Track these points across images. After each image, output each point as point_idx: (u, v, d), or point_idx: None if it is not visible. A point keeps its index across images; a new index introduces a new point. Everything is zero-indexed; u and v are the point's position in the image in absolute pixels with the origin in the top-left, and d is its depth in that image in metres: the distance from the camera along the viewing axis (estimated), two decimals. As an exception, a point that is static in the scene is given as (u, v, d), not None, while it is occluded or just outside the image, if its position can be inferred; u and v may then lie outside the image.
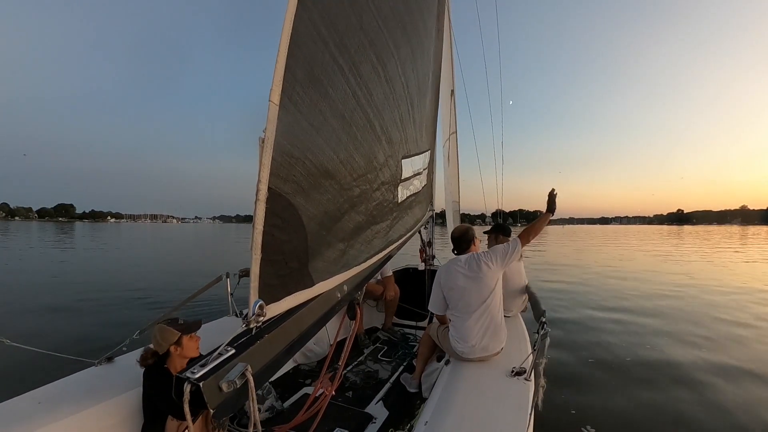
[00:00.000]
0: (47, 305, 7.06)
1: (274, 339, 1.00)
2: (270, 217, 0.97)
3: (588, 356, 4.53)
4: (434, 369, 2.64)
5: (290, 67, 1.01)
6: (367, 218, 1.62)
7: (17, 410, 1.54)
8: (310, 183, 1.13)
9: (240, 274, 2.69)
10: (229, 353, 0.87)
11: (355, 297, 1.84)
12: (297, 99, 1.05)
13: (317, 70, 1.14)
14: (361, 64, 1.37)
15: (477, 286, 2.39)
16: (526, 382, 1.94)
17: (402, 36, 1.76)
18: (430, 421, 1.62)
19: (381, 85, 1.55)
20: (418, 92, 2.22)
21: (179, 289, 8.56)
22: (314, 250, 1.19)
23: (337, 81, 1.23)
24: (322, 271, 1.25)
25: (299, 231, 1.10)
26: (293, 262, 1.10)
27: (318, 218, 1.19)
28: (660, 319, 6.25)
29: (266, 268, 0.96)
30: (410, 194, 2.60)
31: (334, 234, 1.32)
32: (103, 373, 1.89)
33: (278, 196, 1.00)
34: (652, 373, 4.07)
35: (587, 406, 3.35)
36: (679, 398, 3.50)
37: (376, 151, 1.57)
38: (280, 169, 1.00)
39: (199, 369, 0.81)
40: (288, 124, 1.02)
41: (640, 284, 9.90)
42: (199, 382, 0.77)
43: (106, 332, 5.34)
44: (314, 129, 1.13)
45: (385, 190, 1.81)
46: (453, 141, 4.83)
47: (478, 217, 32.41)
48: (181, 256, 18.85)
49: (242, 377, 0.82)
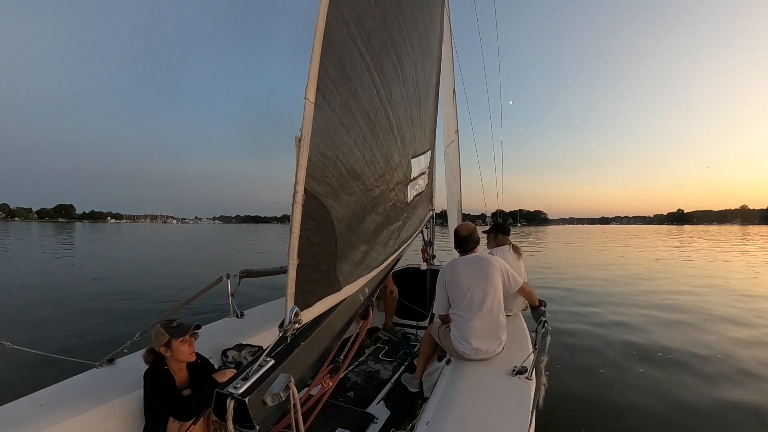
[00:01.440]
0: (48, 307, 6.88)
1: (310, 346, 0.96)
2: (305, 221, 0.93)
3: (597, 355, 4.55)
4: (435, 369, 2.64)
5: (323, 63, 0.98)
6: (385, 219, 1.60)
7: (19, 412, 1.53)
8: (340, 184, 1.09)
9: (240, 275, 2.62)
10: (269, 364, 0.83)
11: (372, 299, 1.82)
12: (330, 97, 1.02)
13: (348, 67, 1.11)
14: (385, 63, 1.35)
15: (480, 286, 2.41)
16: (528, 381, 1.95)
17: (415, 35, 1.74)
18: (431, 421, 1.61)
19: (399, 84, 1.53)
20: (425, 92, 2.20)
21: (181, 290, 8.37)
22: (341, 253, 1.16)
23: (365, 79, 1.20)
24: (348, 274, 1.22)
25: (330, 234, 1.06)
26: (324, 266, 1.06)
27: (346, 220, 1.16)
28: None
29: (301, 273, 0.93)
30: (416, 194, 2.59)
31: (358, 236, 1.29)
32: (104, 375, 1.88)
33: (313, 198, 0.96)
34: (674, 373, 4.06)
35: (589, 406, 3.39)
36: (693, 401, 3.47)
37: (393, 150, 1.55)
38: (314, 170, 0.96)
39: (241, 383, 0.76)
40: (322, 122, 0.99)
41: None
42: (244, 398, 0.72)
43: (107, 334, 5.22)
44: (345, 128, 1.10)
45: (399, 191, 1.79)
46: (456, 141, 4.84)
47: (478, 217, 33.06)
48: (181, 256, 18.35)
49: (286, 389, 0.78)
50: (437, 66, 3.47)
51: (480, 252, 2.79)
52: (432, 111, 3.26)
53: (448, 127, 4.54)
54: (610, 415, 3.25)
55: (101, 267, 13.20)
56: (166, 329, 1.66)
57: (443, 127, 4.49)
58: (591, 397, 3.59)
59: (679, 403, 3.46)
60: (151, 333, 1.71)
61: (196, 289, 2.14)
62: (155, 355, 1.70)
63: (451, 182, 4.62)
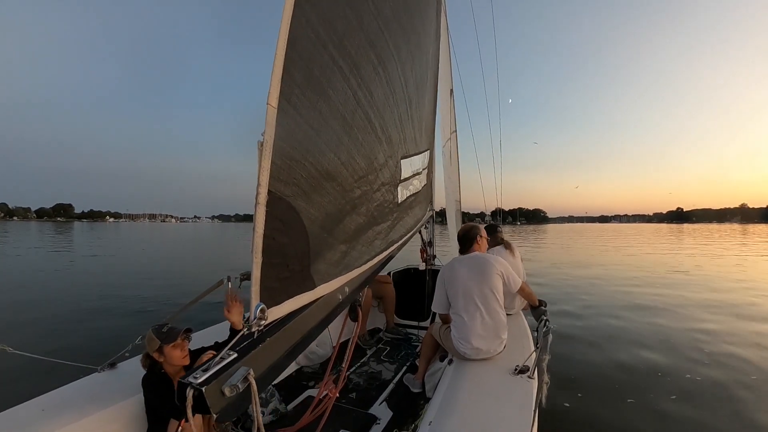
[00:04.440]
0: (49, 312, 7.03)
1: (277, 342, 0.99)
2: (271, 221, 0.96)
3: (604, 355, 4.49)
4: (437, 369, 2.64)
5: (288, 69, 1.01)
6: (368, 219, 1.62)
7: (21, 418, 1.55)
8: (311, 185, 1.12)
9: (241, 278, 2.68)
10: (231, 357, 0.87)
11: (356, 299, 1.84)
12: (296, 101, 1.05)
13: (317, 72, 1.13)
14: (362, 65, 1.37)
15: (479, 286, 2.39)
16: (530, 380, 1.94)
17: (402, 36, 1.75)
18: (434, 422, 1.62)
19: (382, 85, 1.55)
20: (417, 92, 2.21)
21: (182, 292, 8.57)
22: (315, 253, 1.18)
23: (337, 82, 1.23)
24: (324, 273, 1.24)
25: (301, 234, 1.09)
26: (295, 265, 1.09)
27: (319, 220, 1.18)
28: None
29: (267, 272, 0.96)
30: (410, 194, 2.60)
31: (335, 236, 1.32)
32: (106, 379, 1.90)
33: (279, 200, 0.99)
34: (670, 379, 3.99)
35: (590, 406, 3.33)
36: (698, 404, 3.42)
37: (377, 151, 1.57)
38: (280, 172, 0.99)
39: (201, 374, 0.80)
40: (287, 126, 1.02)
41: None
42: (201, 387, 0.77)
43: (109, 338, 5.34)
44: (314, 131, 1.13)
45: (386, 191, 1.80)
46: (453, 140, 4.84)
47: (477, 216, 32.52)
48: (182, 257, 18.83)
49: (245, 381, 0.82)
50: (434, 66, 3.47)
51: (485, 252, 2.77)
52: (429, 111, 3.26)
53: (446, 127, 4.54)
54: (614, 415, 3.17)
55: (101, 268, 13.49)
56: (157, 335, 1.69)
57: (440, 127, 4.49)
58: (595, 395, 3.50)
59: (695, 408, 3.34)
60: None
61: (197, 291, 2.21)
62: (151, 359, 1.73)
63: (449, 182, 4.60)
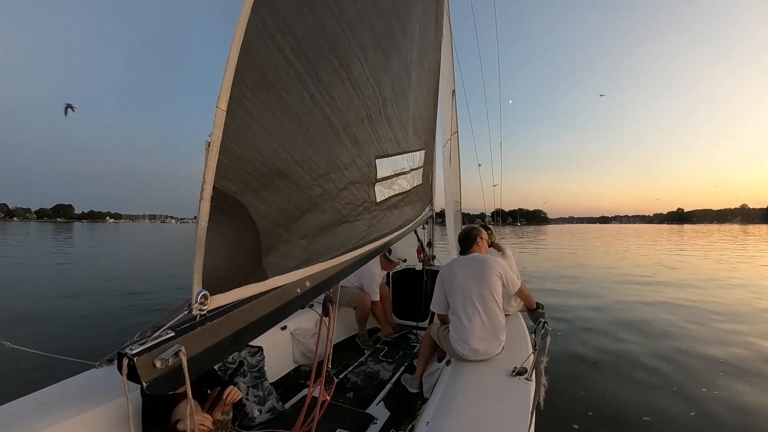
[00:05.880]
0: (47, 307, 7.14)
1: (217, 327, 1.07)
2: (215, 215, 1.04)
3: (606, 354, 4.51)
4: (435, 369, 2.67)
5: (239, 73, 1.08)
6: (336, 217, 1.68)
7: (18, 413, 1.56)
8: (261, 183, 1.19)
9: None
10: (168, 335, 0.96)
11: (327, 294, 1.90)
12: (247, 104, 1.12)
13: (270, 75, 1.20)
14: (321, 68, 1.43)
15: (478, 287, 2.41)
16: (528, 381, 1.94)
17: (370, 38, 1.80)
18: (431, 422, 1.63)
19: (344, 87, 1.60)
20: (394, 92, 2.26)
21: (182, 290, 8.69)
22: (268, 246, 1.25)
23: (293, 85, 1.29)
24: (279, 266, 1.31)
25: (249, 228, 1.16)
26: (243, 257, 1.17)
27: (271, 216, 1.26)
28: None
29: (211, 261, 1.03)
30: (395, 194, 2.63)
31: (292, 231, 1.39)
32: (104, 375, 1.90)
33: (224, 195, 1.07)
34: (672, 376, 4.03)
35: (591, 405, 3.35)
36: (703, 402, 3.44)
37: (339, 151, 1.63)
38: (226, 170, 1.07)
39: (137, 347, 0.89)
40: (236, 127, 1.09)
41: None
42: (134, 357, 0.85)
43: (107, 334, 5.42)
44: (266, 131, 1.20)
45: (356, 190, 1.86)
46: (454, 141, 4.85)
47: (477, 217, 32.34)
48: (183, 257, 19.17)
49: (176, 357, 0.90)
50: (435, 66, 3.50)
51: (486, 254, 2.78)
52: (425, 111, 3.30)
53: (446, 128, 4.55)
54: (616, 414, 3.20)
55: (101, 266, 13.76)
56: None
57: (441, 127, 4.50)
58: (596, 395, 3.51)
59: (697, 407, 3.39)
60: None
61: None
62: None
63: (449, 182, 4.63)
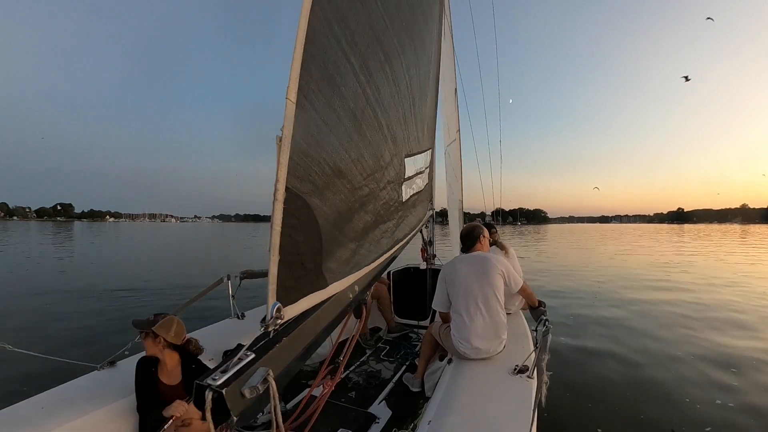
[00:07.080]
0: (49, 310, 6.95)
1: (293, 341, 0.98)
2: (287, 218, 0.95)
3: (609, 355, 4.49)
4: (437, 368, 2.64)
5: (306, 64, 1.00)
6: (375, 217, 1.61)
7: (21, 415, 1.55)
8: (324, 182, 1.11)
9: (241, 276, 2.66)
10: (249, 358, 0.85)
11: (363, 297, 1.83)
12: (312, 97, 1.04)
13: (331, 68, 1.12)
14: (371, 62, 1.36)
15: (480, 285, 2.40)
16: (529, 379, 1.94)
17: (406, 35, 1.75)
18: (433, 421, 1.61)
19: (388, 83, 1.54)
20: (419, 91, 2.21)
21: (182, 290, 8.48)
22: (327, 251, 1.17)
23: (349, 79, 1.22)
24: (335, 271, 1.23)
25: (314, 231, 1.08)
26: (309, 263, 1.08)
27: (331, 218, 1.18)
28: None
29: (283, 270, 0.95)
30: (413, 193, 2.60)
31: (345, 234, 1.31)
32: (105, 377, 1.90)
33: (295, 197, 0.98)
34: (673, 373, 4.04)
35: (591, 405, 3.35)
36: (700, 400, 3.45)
37: (383, 149, 1.57)
38: (297, 168, 0.98)
39: (220, 375, 0.78)
40: (304, 122, 1.01)
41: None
42: (221, 389, 0.75)
43: (109, 336, 5.27)
44: (328, 128, 1.12)
45: (391, 189, 1.80)
46: (458, 140, 4.84)
47: (477, 216, 32.32)
48: (184, 257, 18.56)
49: (264, 382, 0.80)
50: (435, 66, 3.47)
51: (488, 252, 2.77)
52: (431, 110, 3.26)
53: (450, 127, 4.54)
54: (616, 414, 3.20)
55: (102, 268, 13.33)
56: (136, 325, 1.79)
57: (444, 126, 4.49)
58: (596, 395, 3.54)
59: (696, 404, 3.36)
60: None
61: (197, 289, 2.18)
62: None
63: (452, 182, 4.62)
